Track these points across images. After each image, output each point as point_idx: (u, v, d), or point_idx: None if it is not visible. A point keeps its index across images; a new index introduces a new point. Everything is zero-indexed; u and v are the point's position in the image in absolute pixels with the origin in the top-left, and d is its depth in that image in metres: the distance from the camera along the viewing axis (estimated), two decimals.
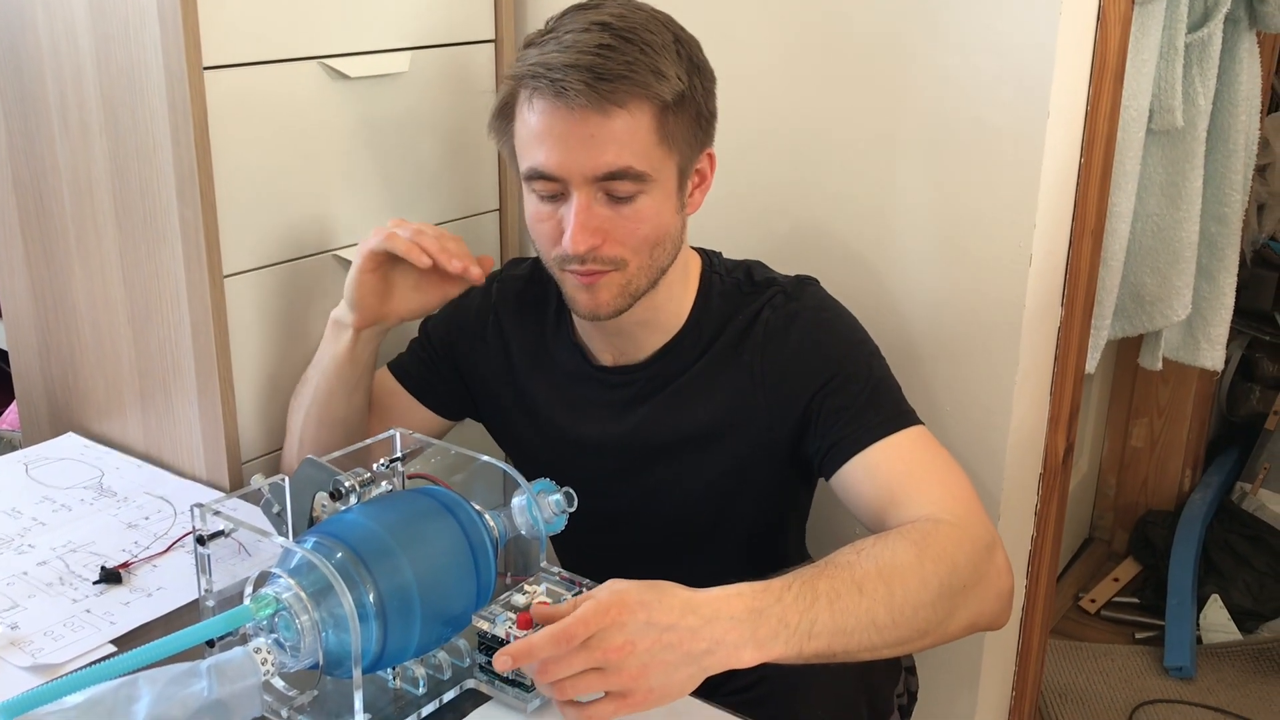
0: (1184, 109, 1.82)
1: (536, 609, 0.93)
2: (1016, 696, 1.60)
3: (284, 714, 0.93)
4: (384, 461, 1.06)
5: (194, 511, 0.97)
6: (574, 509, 1.06)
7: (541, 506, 1.04)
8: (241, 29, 1.26)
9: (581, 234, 1.10)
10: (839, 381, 1.15)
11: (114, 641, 1.06)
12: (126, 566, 1.18)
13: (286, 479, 1.00)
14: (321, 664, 0.90)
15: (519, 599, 0.98)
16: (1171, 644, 2.27)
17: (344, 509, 0.98)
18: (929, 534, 1.00)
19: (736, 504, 1.25)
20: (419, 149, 1.51)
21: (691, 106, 1.12)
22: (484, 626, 0.96)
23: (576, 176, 1.09)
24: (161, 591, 1.14)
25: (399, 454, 1.08)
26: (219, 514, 0.97)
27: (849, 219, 1.45)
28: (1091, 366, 1.72)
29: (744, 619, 0.88)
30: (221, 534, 0.98)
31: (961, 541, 1.01)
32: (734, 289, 1.23)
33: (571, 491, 1.06)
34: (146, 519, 1.29)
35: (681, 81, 1.10)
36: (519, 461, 1.35)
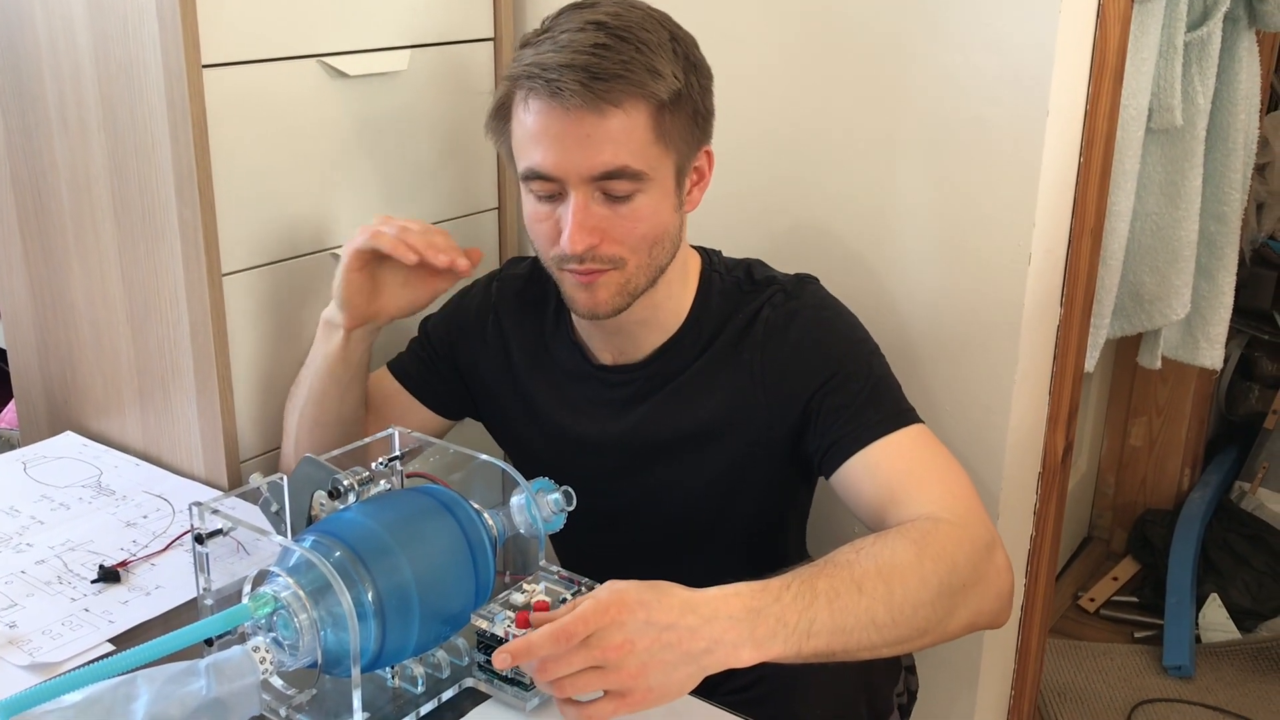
0: (1183, 108, 1.82)
1: (535, 612, 0.93)
2: (1016, 695, 1.60)
3: (282, 713, 0.93)
4: (382, 460, 1.06)
5: (192, 510, 0.97)
6: (573, 508, 1.06)
7: (540, 505, 1.04)
8: (240, 27, 1.26)
9: (579, 233, 1.10)
10: (839, 380, 1.15)
11: (112, 640, 1.06)
12: (125, 565, 1.18)
13: (285, 477, 1.00)
14: (320, 663, 0.89)
15: (518, 598, 0.98)
16: (1170, 643, 2.27)
17: (342, 508, 0.98)
18: (929, 533, 1.00)
19: (736, 503, 1.25)
20: (418, 147, 1.51)
21: (688, 104, 1.12)
22: (483, 625, 0.95)
23: (573, 176, 1.09)
24: (160, 590, 1.14)
25: (397, 452, 1.08)
26: (217, 512, 0.97)
27: (848, 218, 1.45)
28: (1090, 365, 1.72)
29: (743, 618, 0.88)
30: (220, 532, 0.98)
31: (961, 540, 1.01)
32: (734, 287, 1.23)
33: (570, 490, 1.06)
34: (145, 518, 1.28)
35: (678, 80, 1.10)
36: (519, 461, 1.35)
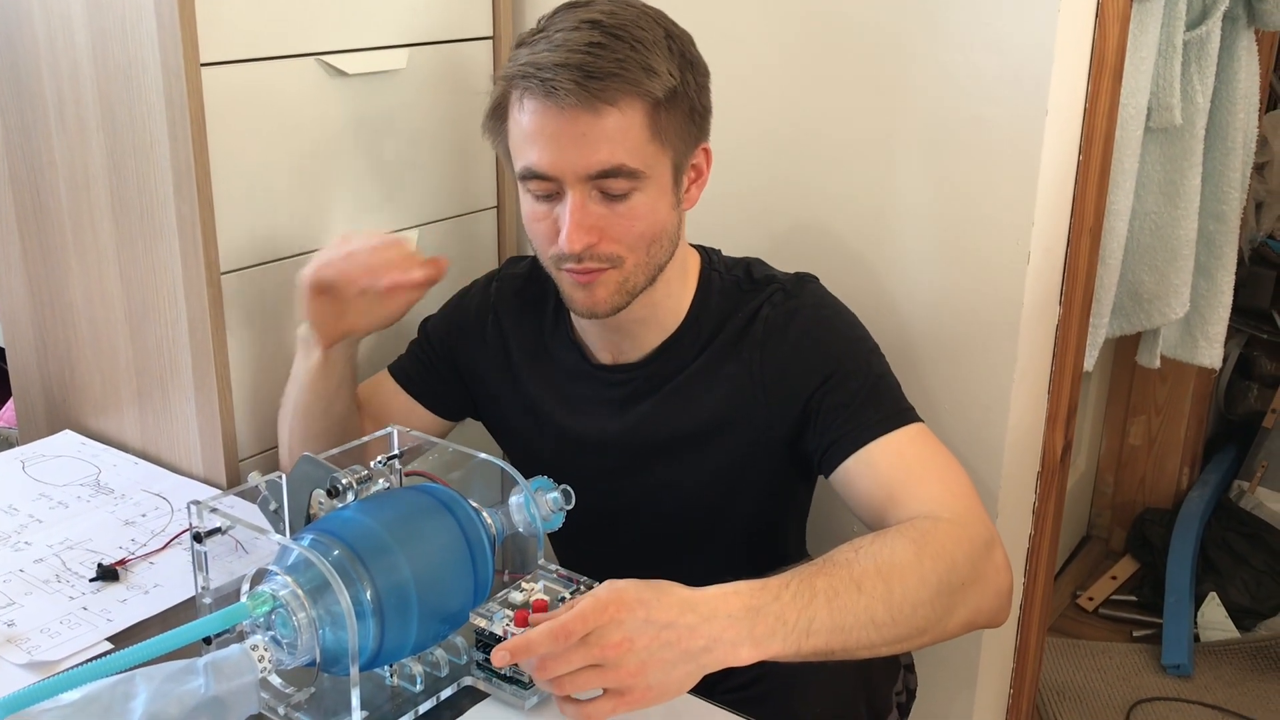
0: (1182, 107, 1.82)
1: (533, 611, 0.93)
2: (1015, 694, 1.60)
3: (281, 711, 0.93)
4: (381, 459, 1.06)
5: (191, 508, 0.97)
6: (571, 506, 1.06)
7: (539, 504, 1.04)
8: (239, 25, 1.26)
9: (577, 232, 1.09)
10: (838, 379, 1.15)
11: (110, 639, 1.06)
12: (123, 564, 1.18)
13: (284, 476, 1.00)
14: (319, 661, 0.89)
15: (516, 596, 0.98)
16: (1169, 642, 2.28)
17: (341, 506, 0.98)
18: (928, 532, 1.00)
19: (735, 502, 1.25)
20: (416, 146, 1.50)
21: (684, 102, 1.12)
22: (482, 624, 0.95)
23: (570, 175, 1.09)
24: (158, 589, 1.14)
25: (396, 451, 1.08)
26: (216, 511, 0.97)
27: (847, 217, 1.45)
28: (1089, 364, 1.72)
29: (742, 617, 0.88)
30: (218, 531, 0.98)
31: (960, 539, 1.01)
32: (733, 286, 1.23)
33: (569, 489, 1.06)
34: (143, 516, 1.28)
35: (673, 77, 1.10)
36: (518, 460, 1.35)
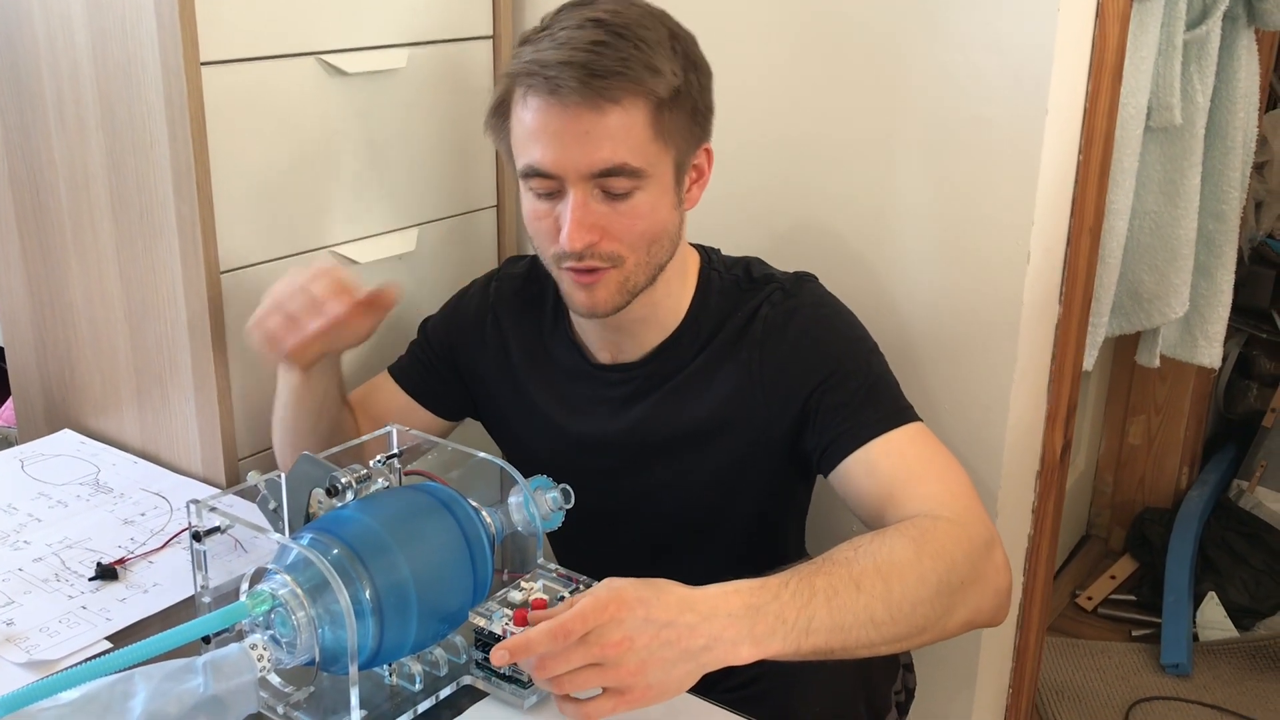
0: (1182, 106, 1.82)
1: (533, 610, 0.93)
2: (1014, 693, 1.60)
3: (280, 710, 0.93)
4: (381, 458, 1.06)
5: (190, 508, 0.97)
6: (571, 505, 1.06)
7: (538, 503, 1.04)
8: (238, 24, 1.26)
9: (578, 231, 1.09)
10: (837, 378, 1.15)
11: (109, 638, 1.05)
12: (122, 563, 1.18)
13: (283, 475, 1.00)
14: (318, 660, 0.89)
15: (516, 596, 0.98)
16: (1168, 641, 2.28)
17: (340, 505, 0.98)
18: (927, 531, 1.00)
19: (735, 501, 1.25)
20: (416, 145, 1.50)
21: (687, 102, 1.12)
22: (481, 623, 0.95)
23: (572, 173, 1.09)
24: (157, 588, 1.14)
25: (395, 450, 1.08)
26: (215, 510, 0.97)
27: (848, 217, 1.45)
28: (1089, 364, 1.72)
29: (741, 615, 0.88)
30: (218, 530, 0.98)
31: (960, 538, 1.01)
32: (732, 285, 1.23)
33: (569, 488, 1.06)
34: (143, 515, 1.28)
35: (677, 77, 1.10)
36: (518, 460, 1.34)
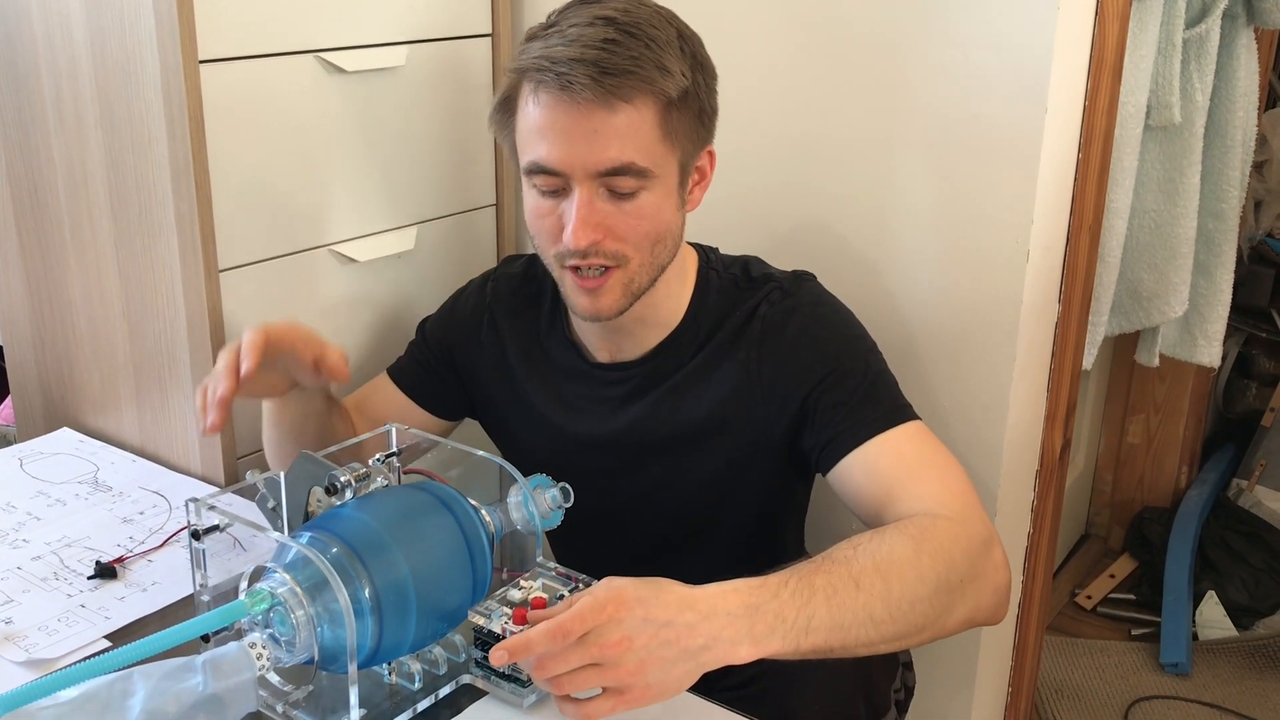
0: (1182, 105, 1.82)
1: (532, 609, 0.93)
2: (1013, 692, 1.60)
3: (279, 709, 0.93)
4: (380, 456, 1.06)
5: (189, 506, 0.97)
6: (570, 504, 1.06)
7: (538, 501, 1.04)
8: (237, 22, 1.26)
9: (583, 229, 1.09)
10: (836, 377, 1.15)
11: (108, 636, 1.05)
12: (121, 561, 1.17)
13: (282, 474, 1.00)
14: (317, 659, 0.89)
15: (515, 594, 0.98)
16: (1167, 640, 2.28)
17: (340, 504, 0.98)
18: (926, 529, 1.00)
19: (734, 500, 1.25)
20: (415, 143, 1.50)
21: (694, 103, 1.12)
22: (480, 622, 0.95)
23: (579, 171, 1.08)
24: (156, 586, 1.14)
25: (394, 449, 1.08)
26: (214, 509, 0.97)
27: (848, 217, 1.45)
28: (1088, 363, 1.72)
29: (741, 614, 0.88)
30: (216, 529, 0.97)
31: (959, 537, 1.01)
32: (731, 285, 1.23)
33: (568, 487, 1.06)
34: (141, 514, 1.28)
35: (685, 78, 1.09)
36: (516, 460, 1.33)
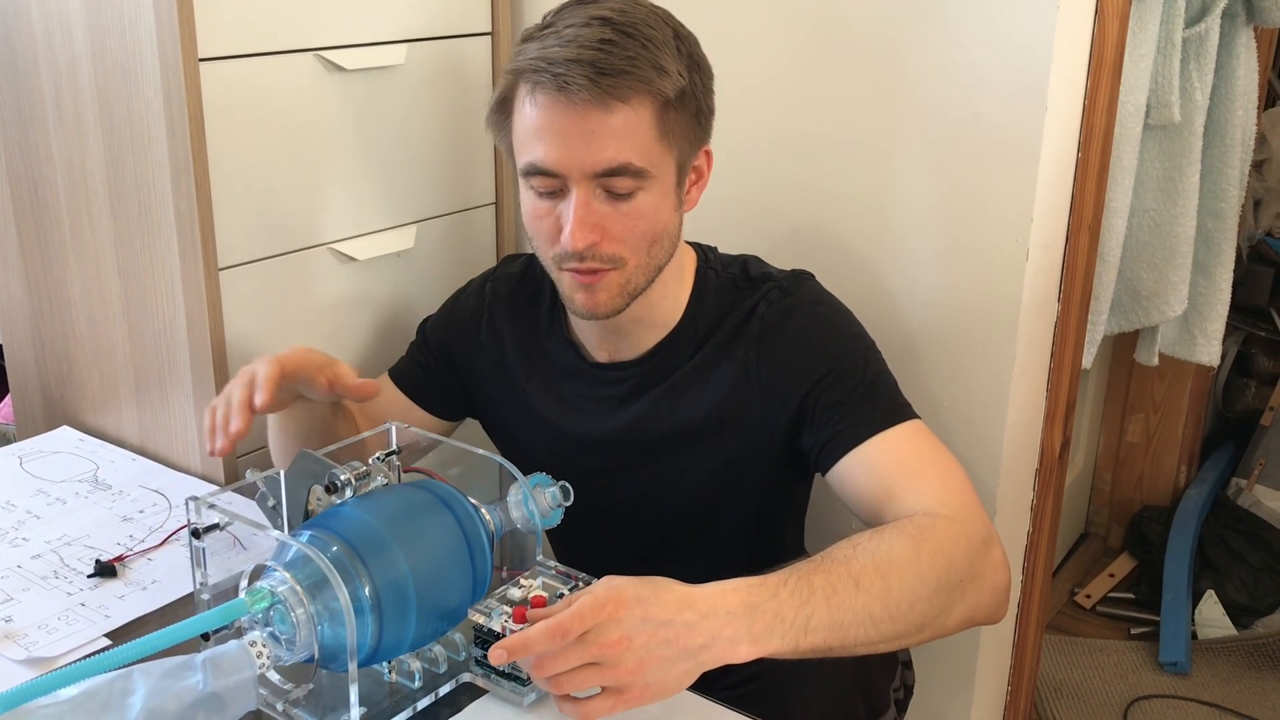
0: (1181, 104, 1.82)
1: (532, 608, 0.93)
2: (1012, 691, 1.61)
3: (279, 707, 0.93)
4: (380, 455, 1.06)
5: (189, 505, 0.97)
6: (570, 503, 1.06)
7: (538, 500, 1.04)
8: (237, 20, 1.26)
9: (580, 230, 1.09)
10: (834, 376, 1.15)
11: (109, 635, 1.05)
12: (121, 560, 1.17)
13: (282, 472, 1.00)
14: (317, 657, 0.89)
15: (515, 593, 0.98)
16: (1167, 639, 2.28)
17: (340, 502, 0.98)
18: (926, 528, 1.00)
19: (733, 499, 1.25)
20: (414, 142, 1.50)
21: (691, 103, 1.12)
22: (480, 620, 0.95)
23: (576, 172, 1.08)
24: (156, 585, 1.14)
25: (394, 447, 1.08)
26: (214, 507, 0.97)
27: (848, 216, 1.45)
28: (1088, 362, 1.72)
29: (740, 614, 0.88)
30: (216, 527, 0.97)
31: (958, 536, 1.01)
32: (729, 284, 1.23)
33: (568, 485, 1.06)
34: (141, 512, 1.28)
35: (682, 78, 1.10)
36: (516, 459, 1.33)
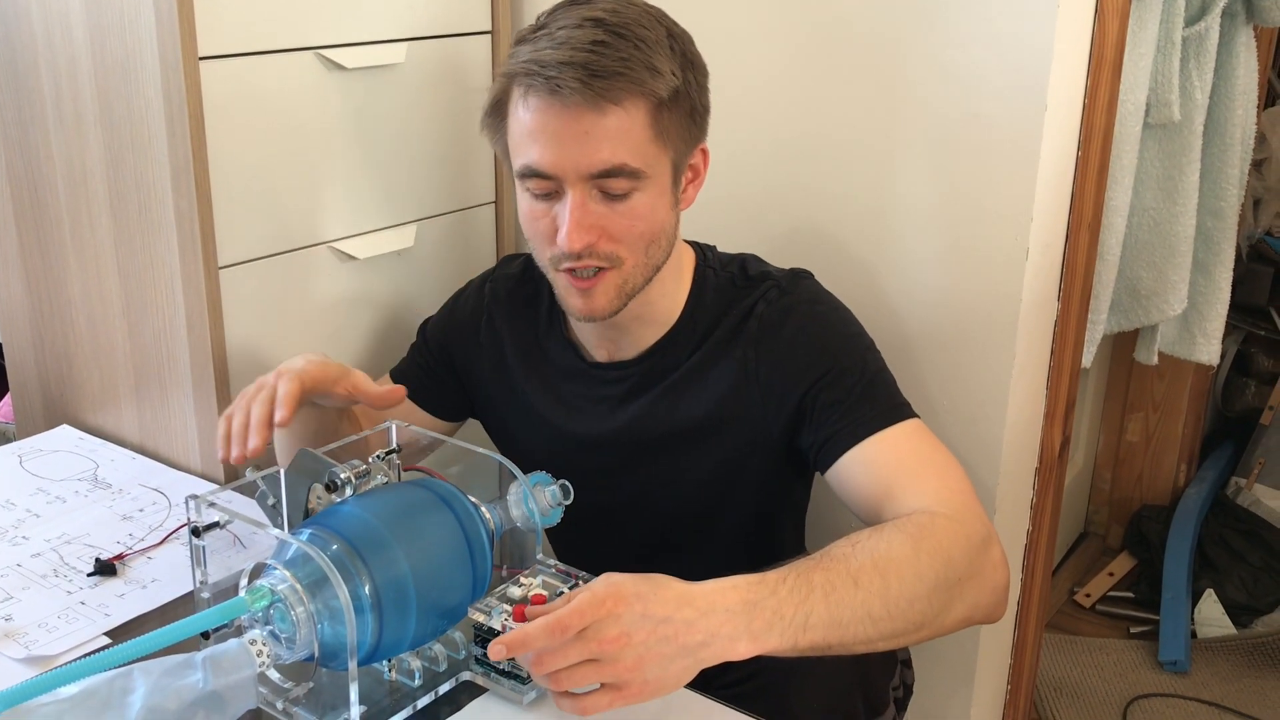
0: (1181, 103, 1.82)
1: (532, 606, 0.93)
2: (1012, 690, 1.61)
3: (279, 706, 0.93)
4: (380, 453, 1.06)
5: (189, 503, 0.97)
6: (570, 501, 1.06)
7: (538, 498, 1.04)
8: (237, 19, 1.26)
9: (577, 231, 1.09)
10: (833, 375, 1.15)
11: (108, 633, 1.05)
12: (121, 558, 1.18)
13: (282, 471, 1.00)
14: (317, 656, 0.89)
15: (515, 591, 0.98)
16: (1166, 638, 2.28)
17: (340, 501, 0.98)
18: (925, 526, 1.00)
19: (732, 499, 1.25)
20: (414, 141, 1.50)
21: (685, 102, 1.12)
22: (480, 619, 0.95)
23: (571, 174, 1.08)
24: (156, 583, 1.14)
25: (394, 446, 1.08)
26: (214, 506, 0.97)
27: (848, 216, 1.45)
28: (1087, 361, 1.72)
29: (739, 611, 0.88)
30: (216, 526, 0.98)
31: (957, 535, 1.01)
32: (728, 283, 1.23)
33: (568, 484, 1.06)
34: (141, 511, 1.28)
35: (676, 77, 1.10)
36: (516, 459, 1.33)
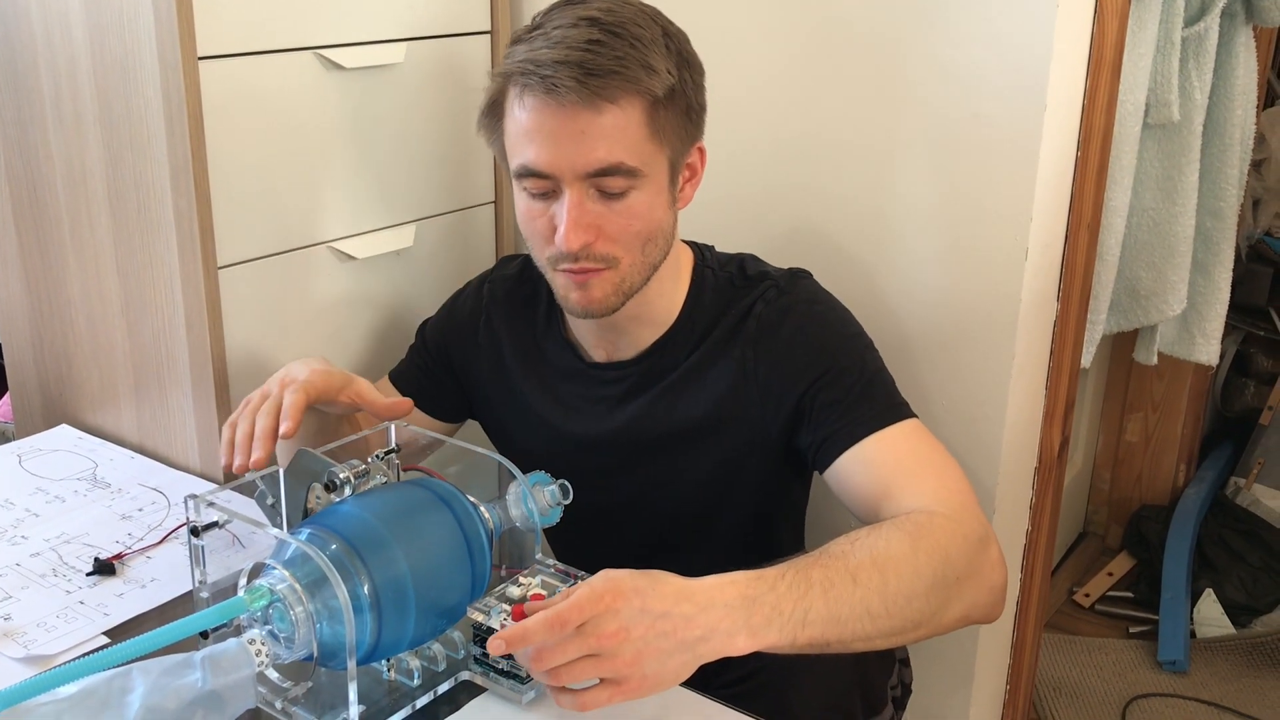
0: (1180, 103, 1.82)
1: (530, 606, 0.93)
2: (1011, 690, 1.61)
3: (278, 705, 0.93)
4: (379, 453, 1.06)
5: (188, 503, 0.97)
6: (569, 501, 1.07)
7: (537, 498, 1.05)
8: (236, 19, 1.26)
9: (574, 231, 1.09)
10: (832, 375, 1.15)
11: (107, 633, 1.05)
12: (120, 558, 1.18)
13: (281, 470, 1.00)
14: (316, 656, 0.89)
15: (514, 591, 0.98)
16: (1165, 638, 2.28)
17: (339, 501, 0.98)
18: (923, 525, 1.00)
19: (731, 498, 1.25)
20: (414, 141, 1.50)
21: (682, 100, 1.12)
22: (479, 618, 0.95)
23: (568, 173, 1.09)
24: (155, 583, 1.14)
25: (393, 446, 1.08)
26: (213, 505, 0.97)
27: (847, 216, 1.45)
28: (1087, 361, 1.72)
29: (738, 606, 0.88)
30: (215, 525, 0.98)
31: (955, 534, 1.01)
32: (726, 283, 1.23)
33: (567, 484, 1.06)
34: (140, 510, 1.28)
35: (671, 76, 1.10)
36: (515, 459, 1.33)
